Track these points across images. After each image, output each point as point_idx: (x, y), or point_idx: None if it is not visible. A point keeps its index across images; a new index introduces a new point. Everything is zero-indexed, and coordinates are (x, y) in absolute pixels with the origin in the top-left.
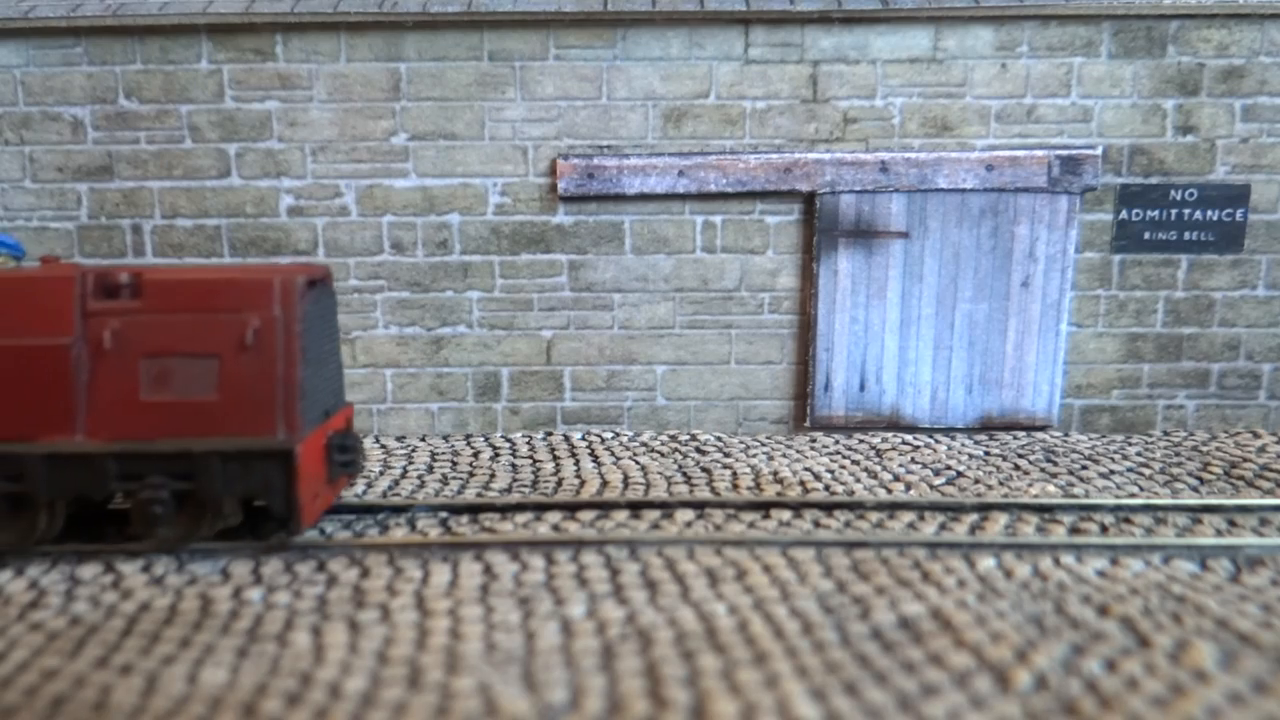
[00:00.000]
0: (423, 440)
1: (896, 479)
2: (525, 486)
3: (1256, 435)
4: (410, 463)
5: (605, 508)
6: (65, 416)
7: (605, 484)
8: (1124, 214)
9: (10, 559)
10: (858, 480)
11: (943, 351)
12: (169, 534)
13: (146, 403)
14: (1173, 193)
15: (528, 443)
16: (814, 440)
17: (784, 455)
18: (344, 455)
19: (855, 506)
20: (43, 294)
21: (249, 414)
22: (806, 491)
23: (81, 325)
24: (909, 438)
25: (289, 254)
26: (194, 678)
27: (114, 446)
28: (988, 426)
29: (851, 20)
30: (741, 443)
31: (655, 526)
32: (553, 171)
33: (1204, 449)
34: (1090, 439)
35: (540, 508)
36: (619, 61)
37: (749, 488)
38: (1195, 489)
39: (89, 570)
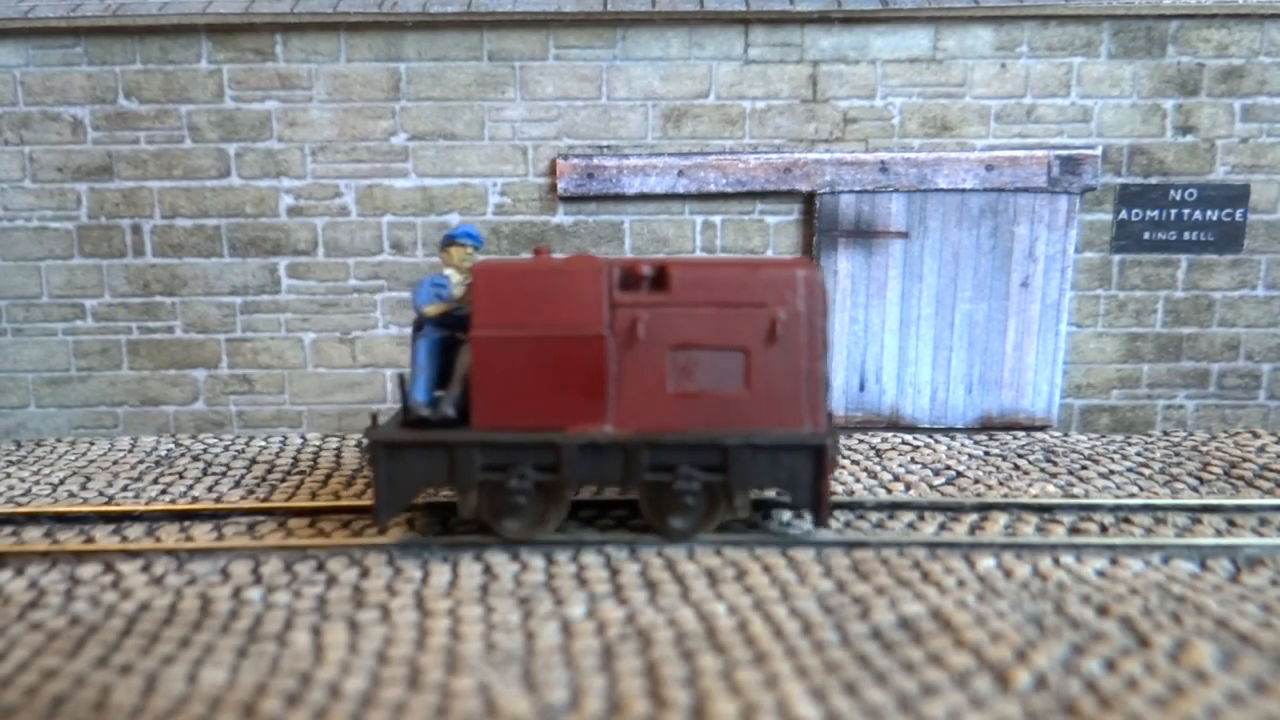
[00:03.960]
0: None
1: (896, 479)
2: None
3: (1256, 435)
4: None
5: (604, 507)
6: (597, 406)
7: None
8: (1124, 214)
9: (11, 560)
10: (858, 480)
11: (942, 351)
12: (684, 525)
13: (672, 394)
14: (1172, 193)
15: None
16: None
17: None
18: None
19: (855, 506)
20: (575, 285)
21: (776, 407)
22: None
23: (610, 316)
24: (909, 438)
25: (289, 254)
26: (194, 677)
27: (642, 436)
28: (987, 426)
29: (851, 20)
30: None
31: None
32: (552, 171)
33: (1203, 449)
34: (1090, 439)
35: None
36: (619, 61)
37: None
38: (1195, 489)
39: (88, 570)
